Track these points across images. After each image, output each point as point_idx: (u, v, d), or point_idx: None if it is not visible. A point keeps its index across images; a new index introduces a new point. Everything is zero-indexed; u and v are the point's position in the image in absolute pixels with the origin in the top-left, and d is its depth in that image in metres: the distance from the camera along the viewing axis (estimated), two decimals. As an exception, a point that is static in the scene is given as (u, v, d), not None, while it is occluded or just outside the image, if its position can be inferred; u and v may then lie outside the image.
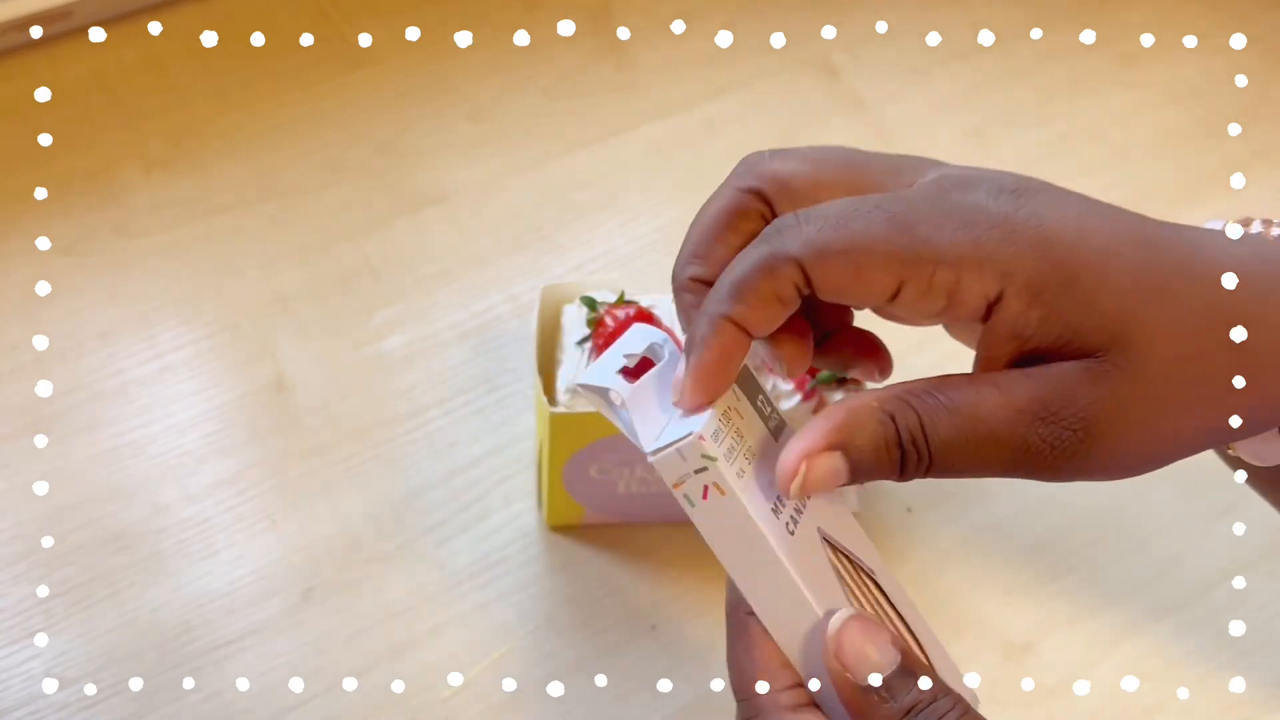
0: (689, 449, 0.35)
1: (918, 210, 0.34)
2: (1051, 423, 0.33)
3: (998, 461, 0.34)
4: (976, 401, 0.34)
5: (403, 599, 0.57)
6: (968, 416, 0.34)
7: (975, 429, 0.34)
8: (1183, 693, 0.55)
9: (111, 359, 0.64)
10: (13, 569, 0.57)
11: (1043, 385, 0.34)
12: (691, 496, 0.35)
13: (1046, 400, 0.33)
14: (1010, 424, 0.33)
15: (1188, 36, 0.83)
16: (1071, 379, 0.33)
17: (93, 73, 0.77)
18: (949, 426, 0.34)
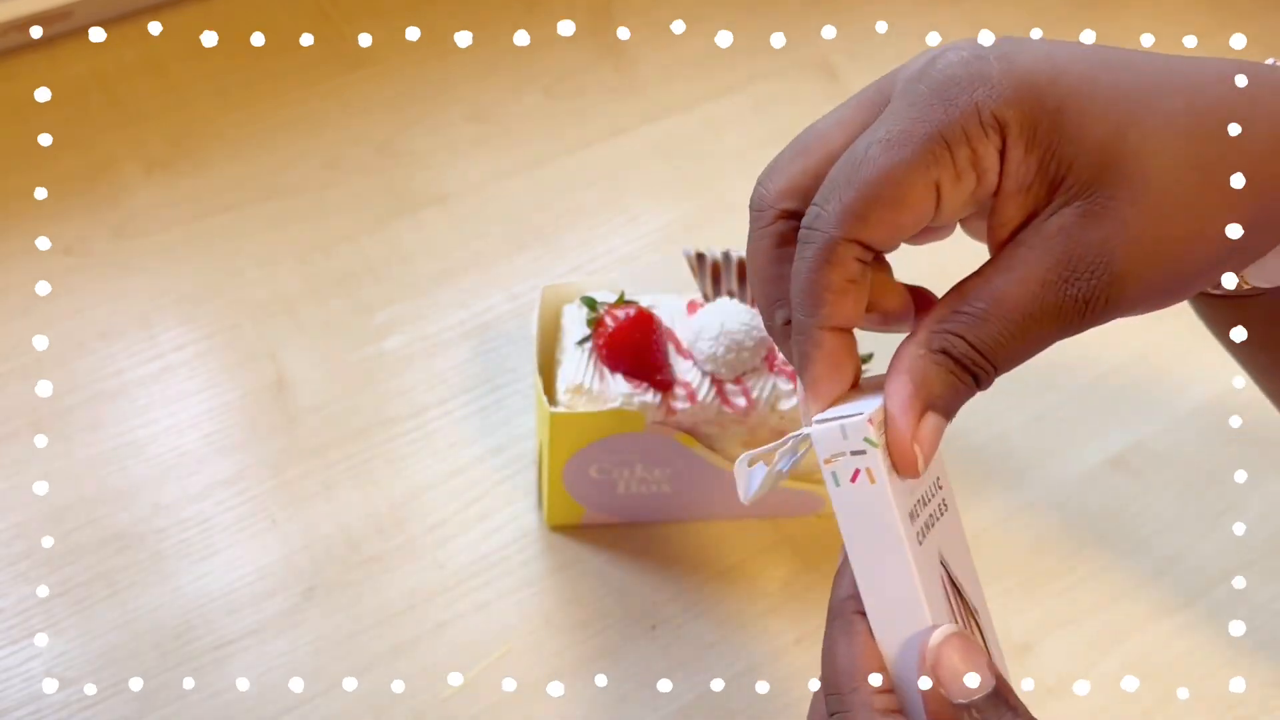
0: (854, 428, 0.35)
1: (905, 118, 0.34)
2: (1074, 280, 0.33)
3: (1046, 336, 0.34)
4: (1000, 297, 0.34)
5: (403, 599, 0.57)
6: (1000, 315, 0.34)
7: (1013, 321, 0.34)
8: (1183, 693, 0.55)
9: (112, 359, 0.64)
10: (13, 568, 0.57)
11: (1050, 249, 0.34)
12: (839, 476, 0.35)
13: (1060, 262, 0.34)
14: (1039, 300, 0.34)
15: (1188, 36, 0.83)
16: (1075, 229, 0.33)
17: (93, 73, 0.77)
18: (990, 332, 0.34)
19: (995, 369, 0.35)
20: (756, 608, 0.57)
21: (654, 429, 0.53)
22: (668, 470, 0.55)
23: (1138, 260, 0.34)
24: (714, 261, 0.54)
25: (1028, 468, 0.62)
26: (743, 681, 0.55)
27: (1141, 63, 0.35)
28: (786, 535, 0.59)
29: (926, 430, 0.35)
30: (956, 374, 0.35)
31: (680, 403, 0.52)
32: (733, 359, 0.52)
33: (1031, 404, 0.65)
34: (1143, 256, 0.34)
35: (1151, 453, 0.63)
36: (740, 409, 0.52)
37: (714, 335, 0.52)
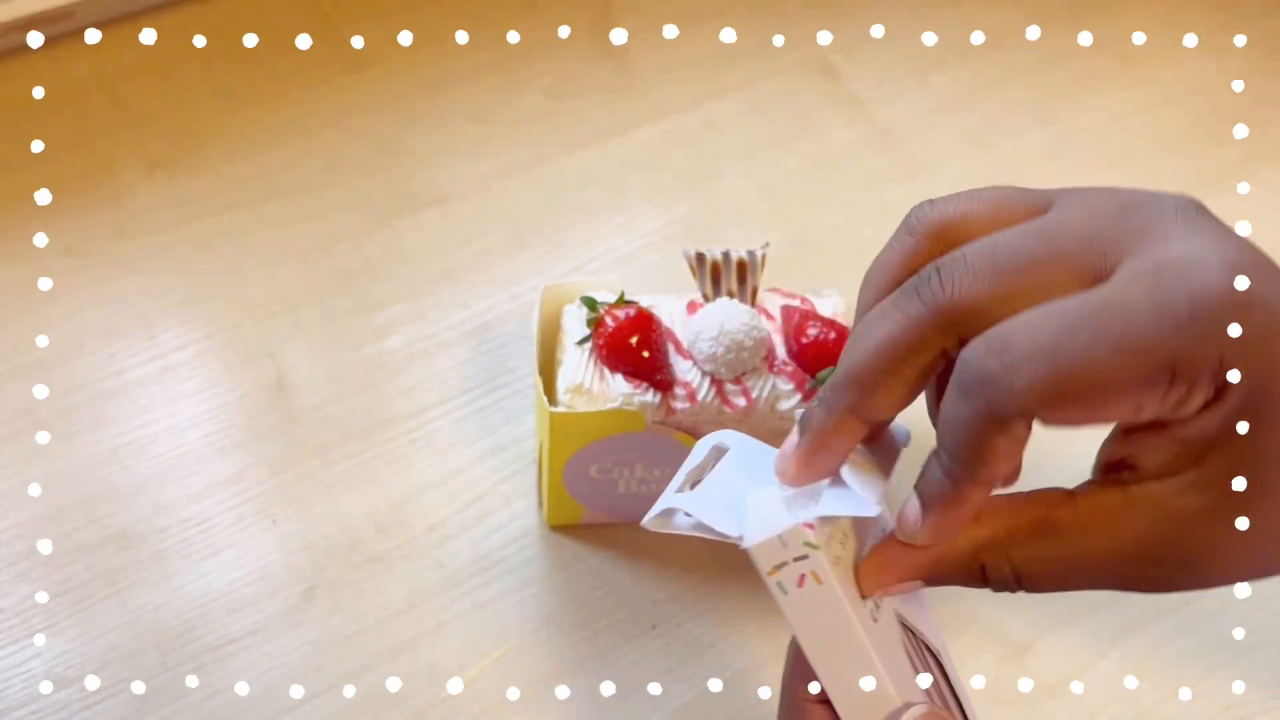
0: (792, 535, 0.34)
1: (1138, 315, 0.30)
2: (1159, 564, 0.32)
3: (1095, 587, 0.33)
4: (1080, 550, 0.32)
5: (403, 598, 0.57)
6: (1068, 565, 0.32)
7: (1075, 574, 0.33)
8: (1183, 692, 0.55)
9: (112, 359, 0.64)
10: (14, 569, 0.57)
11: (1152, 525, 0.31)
12: (785, 584, 0.35)
13: (1158, 543, 0.31)
14: (1114, 569, 0.32)
15: (1188, 36, 0.83)
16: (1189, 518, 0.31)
17: (93, 73, 0.77)
18: (1046, 576, 0.33)
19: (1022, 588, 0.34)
20: (756, 607, 0.57)
21: (654, 429, 0.53)
22: (668, 470, 0.55)
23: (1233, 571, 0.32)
24: (714, 262, 0.54)
25: (1028, 467, 0.62)
26: (742, 681, 0.55)
27: None
28: (786, 535, 0.59)
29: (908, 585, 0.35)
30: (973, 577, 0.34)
31: (680, 403, 0.52)
32: (733, 359, 0.52)
33: (1031, 404, 0.65)
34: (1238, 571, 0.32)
35: (1151, 452, 0.63)
36: (740, 409, 0.52)
37: (714, 335, 0.52)
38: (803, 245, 0.71)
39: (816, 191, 0.73)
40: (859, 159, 0.75)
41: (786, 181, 0.74)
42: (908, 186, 0.74)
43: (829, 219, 0.72)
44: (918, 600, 0.40)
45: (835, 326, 0.53)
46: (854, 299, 0.38)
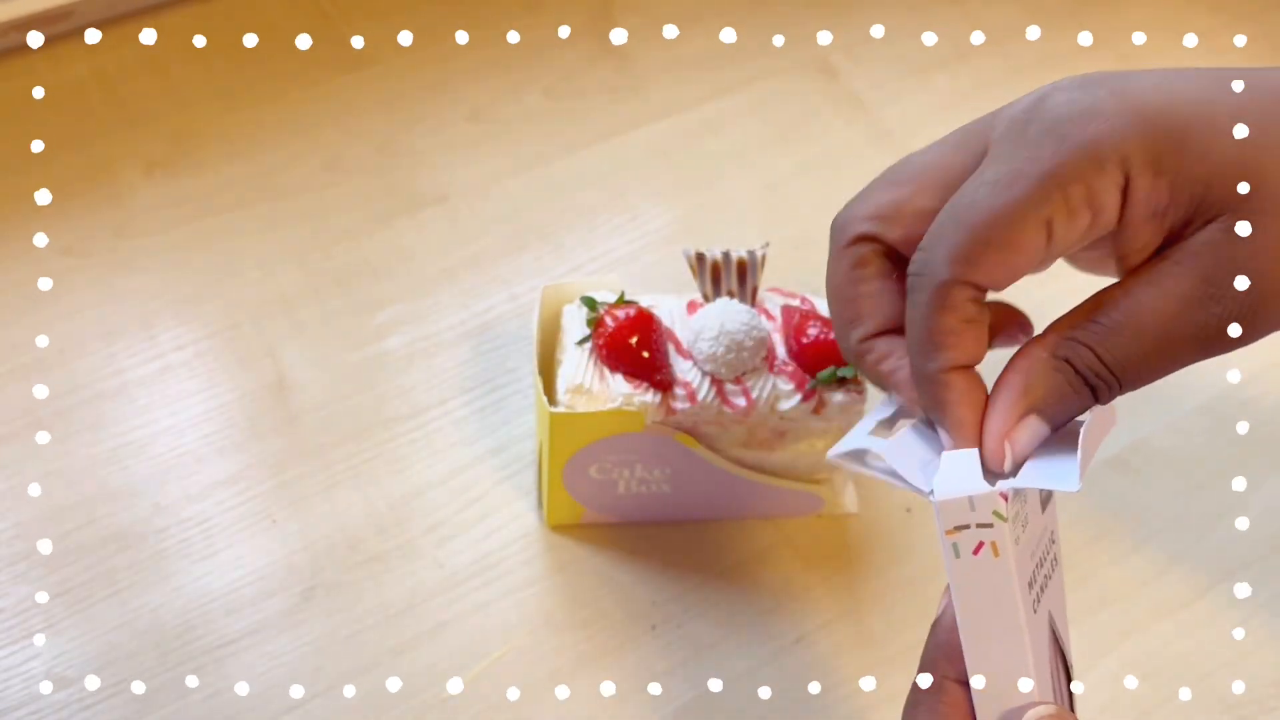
0: (983, 501, 0.34)
1: (1014, 159, 0.34)
2: (1220, 299, 0.33)
3: (1182, 356, 0.34)
4: (1138, 311, 0.33)
5: (403, 599, 0.57)
6: (1135, 330, 0.33)
7: (1146, 338, 0.33)
8: (1184, 693, 0.55)
9: (112, 359, 0.64)
10: (13, 569, 0.57)
11: (1196, 265, 0.33)
12: (961, 548, 0.34)
13: (1205, 279, 0.33)
14: (1179, 319, 0.33)
15: (1188, 36, 0.83)
16: (1220, 244, 0.32)
17: (93, 73, 0.77)
18: (1121, 346, 0.33)
19: (1120, 385, 0.34)
20: (757, 607, 0.57)
21: (654, 429, 0.53)
22: (668, 470, 0.56)
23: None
24: (714, 262, 0.54)
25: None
26: (743, 682, 0.55)
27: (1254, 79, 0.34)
28: (787, 535, 0.59)
29: (1023, 432, 0.35)
30: (1073, 384, 0.34)
31: (680, 403, 0.52)
32: (733, 359, 0.52)
33: (1031, 404, 0.65)
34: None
35: (1151, 453, 0.63)
36: (740, 409, 0.52)
37: (714, 335, 0.52)
38: (803, 245, 0.71)
39: (816, 191, 0.73)
40: (859, 159, 0.75)
41: (786, 181, 0.74)
42: (908, 186, 0.74)
43: (829, 219, 0.72)
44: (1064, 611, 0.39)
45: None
46: None
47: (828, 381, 0.52)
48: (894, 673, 0.55)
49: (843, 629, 0.56)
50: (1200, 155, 0.33)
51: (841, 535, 0.59)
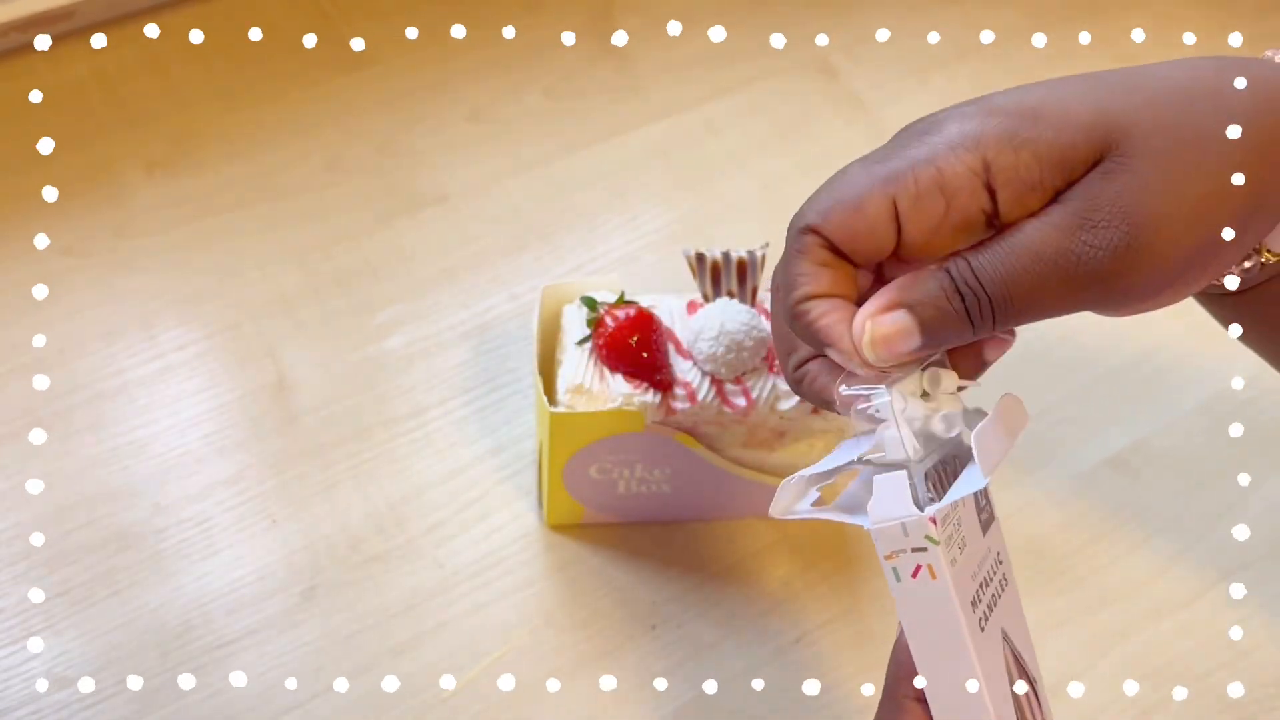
0: (914, 526, 0.35)
1: (886, 147, 0.37)
2: (1093, 228, 0.34)
3: (1056, 285, 0.35)
4: (1019, 235, 0.35)
5: (403, 598, 0.57)
6: (1013, 248, 0.35)
7: (1022, 256, 0.35)
8: (1181, 693, 0.55)
9: (112, 359, 0.64)
10: (13, 569, 0.57)
11: (1072, 203, 0.35)
12: (900, 571, 0.35)
13: (1081, 210, 0.34)
14: (1055, 242, 0.35)
15: (1186, 34, 0.83)
16: (1095, 184, 0.35)
17: (94, 73, 0.77)
18: (995, 264, 0.35)
19: (990, 303, 0.36)
20: (756, 607, 0.57)
21: (654, 429, 0.53)
22: (668, 470, 0.56)
23: (1157, 213, 0.34)
24: (713, 262, 0.54)
25: (1027, 467, 0.62)
26: (742, 681, 0.55)
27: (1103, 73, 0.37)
28: (786, 535, 0.59)
29: (887, 319, 0.36)
30: (946, 290, 0.36)
31: (680, 403, 0.53)
32: (732, 359, 0.52)
33: (1031, 403, 0.64)
34: (1162, 210, 0.34)
35: (1151, 453, 0.63)
36: (740, 409, 0.53)
37: (714, 335, 0.52)
38: (802, 245, 0.71)
39: (816, 192, 0.74)
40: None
41: (786, 181, 0.74)
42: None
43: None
44: (1021, 625, 0.40)
45: (835, 327, 0.53)
46: None
47: (827, 382, 0.52)
48: (893, 672, 0.55)
49: (842, 628, 0.57)
50: (1057, 124, 0.35)
51: (841, 535, 0.60)
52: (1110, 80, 0.36)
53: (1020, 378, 0.66)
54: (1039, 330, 0.67)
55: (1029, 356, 0.67)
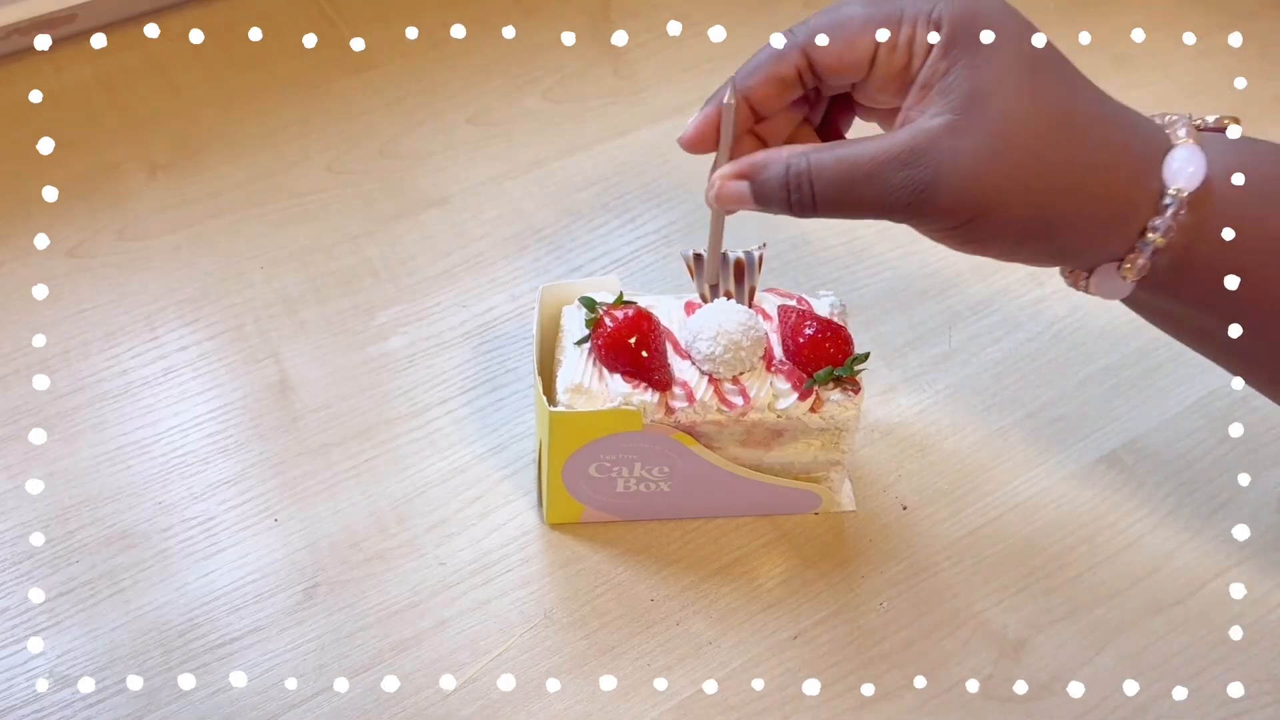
0: None
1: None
2: (912, 166, 0.42)
3: (867, 201, 0.43)
4: (859, 152, 0.43)
5: (404, 596, 0.57)
6: (850, 164, 0.43)
7: (851, 172, 0.43)
8: (1177, 689, 0.55)
9: (116, 360, 0.65)
10: (17, 568, 0.57)
11: (913, 136, 0.42)
12: None
13: (913, 148, 0.42)
14: (881, 168, 0.42)
15: (1186, 34, 0.83)
16: (937, 131, 0.42)
17: (96, 76, 0.77)
18: (832, 172, 0.43)
19: (814, 201, 0.44)
20: (754, 605, 0.57)
21: (652, 428, 0.53)
22: (666, 469, 0.56)
23: (963, 178, 0.41)
24: (712, 262, 0.55)
25: (1022, 465, 0.63)
26: (741, 678, 0.55)
27: (1060, 57, 0.43)
28: (784, 533, 0.60)
29: (731, 184, 0.46)
30: (780, 184, 0.44)
31: (678, 402, 0.53)
32: (730, 359, 0.52)
33: (1026, 401, 0.65)
34: (967, 179, 0.41)
35: (1145, 450, 0.63)
36: (738, 408, 0.53)
37: (712, 335, 0.52)
38: (800, 246, 0.71)
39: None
40: (857, 160, 0.75)
41: (785, 182, 0.74)
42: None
43: (826, 220, 0.72)
44: None
45: (832, 327, 0.53)
46: (851, 300, 0.46)
47: (824, 381, 0.53)
48: (891, 668, 0.56)
49: (840, 625, 0.57)
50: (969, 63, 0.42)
51: (838, 532, 0.60)
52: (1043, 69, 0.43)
53: (1016, 375, 0.66)
54: (1037, 330, 0.67)
55: (1025, 355, 0.67)
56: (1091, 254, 0.44)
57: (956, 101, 0.42)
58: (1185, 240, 0.43)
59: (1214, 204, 0.43)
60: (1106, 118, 0.43)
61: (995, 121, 0.41)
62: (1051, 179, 0.42)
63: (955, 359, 0.67)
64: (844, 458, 0.57)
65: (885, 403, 0.65)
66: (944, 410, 0.65)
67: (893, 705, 0.55)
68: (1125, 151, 0.43)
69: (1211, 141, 0.44)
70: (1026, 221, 0.43)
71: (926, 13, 0.43)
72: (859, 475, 0.62)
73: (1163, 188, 0.43)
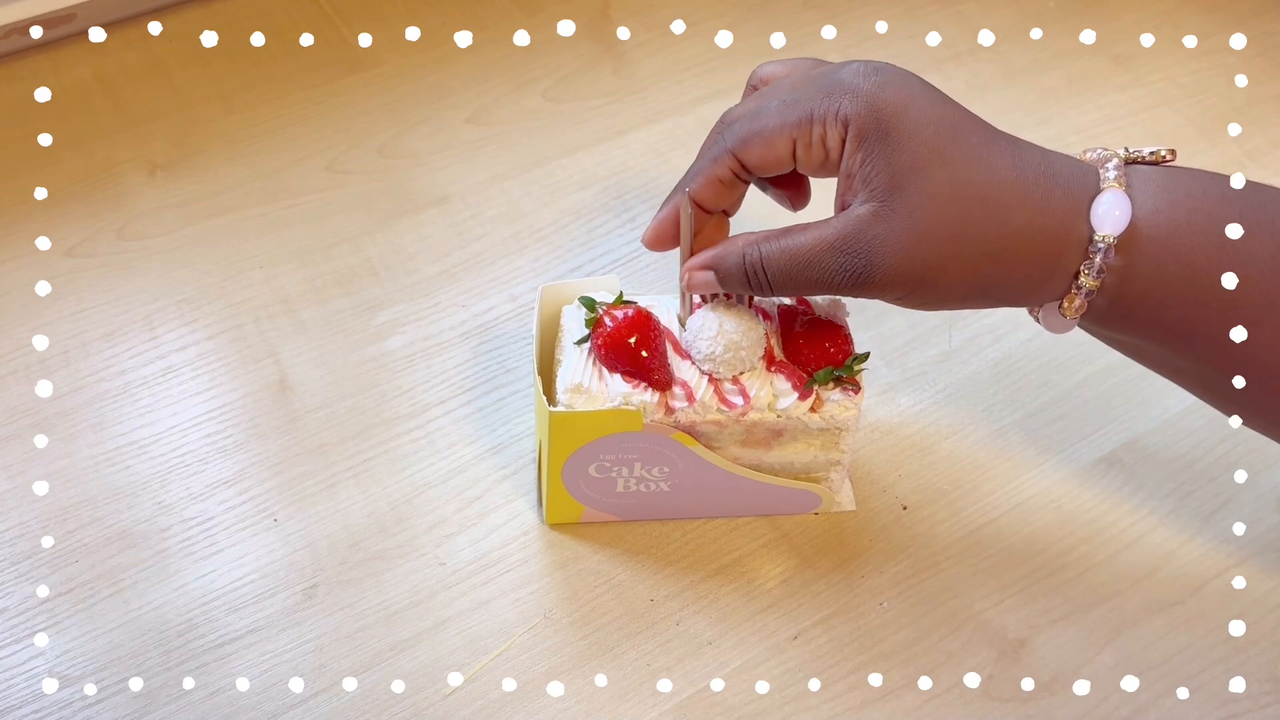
0: None
1: (800, 93, 0.48)
2: (847, 253, 0.46)
3: (814, 284, 0.47)
4: (801, 243, 0.47)
5: (404, 596, 0.57)
6: (793, 254, 0.48)
7: (796, 262, 0.47)
8: (1179, 689, 0.55)
9: (115, 359, 0.65)
10: (16, 568, 0.57)
11: (844, 225, 0.46)
12: None
13: (845, 236, 0.46)
14: (820, 256, 0.47)
15: (1187, 37, 0.83)
16: (864, 219, 0.46)
17: (95, 75, 0.77)
18: (780, 262, 0.48)
19: (769, 281, 0.49)
20: (754, 605, 0.57)
21: (652, 428, 0.53)
22: (666, 469, 0.56)
23: (892, 260, 0.45)
24: (711, 262, 0.55)
25: (1022, 465, 0.63)
26: (741, 678, 0.55)
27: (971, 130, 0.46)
28: (784, 533, 0.60)
29: (700, 276, 0.51)
30: (740, 269, 0.49)
31: (678, 402, 0.53)
32: (730, 358, 0.52)
33: (1025, 402, 0.65)
34: (897, 261, 0.45)
35: (1145, 450, 0.63)
36: (738, 408, 0.53)
37: (712, 335, 0.52)
38: (801, 245, 0.71)
39: (813, 192, 0.74)
40: (857, 159, 0.75)
41: (784, 182, 0.74)
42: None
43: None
44: None
45: (832, 327, 0.53)
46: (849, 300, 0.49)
47: (824, 381, 0.53)
48: (891, 668, 0.56)
49: (840, 625, 0.57)
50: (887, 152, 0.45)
51: (838, 532, 0.60)
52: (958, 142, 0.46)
53: (1015, 376, 0.66)
54: (1037, 329, 0.67)
55: (1025, 355, 0.67)
56: (1033, 299, 0.47)
57: (878, 190, 0.45)
58: (1117, 279, 0.46)
59: (1140, 244, 0.45)
60: (1024, 179, 0.45)
61: (914, 204, 0.45)
62: (976, 248, 0.45)
63: (955, 359, 0.67)
64: (844, 458, 0.57)
65: (885, 403, 0.65)
66: (944, 410, 0.64)
67: (893, 705, 0.55)
68: (1047, 207, 0.45)
69: (1139, 177, 0.46)
70: (962, 287, 0.46)
71: (835, 111, 0.46)
72: (859, 475, 0.62)
73: (1091, 233, 0.45)
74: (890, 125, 0.45)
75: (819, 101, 0.47)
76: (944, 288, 0.46)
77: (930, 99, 0.46)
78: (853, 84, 0.46)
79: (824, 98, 0.46)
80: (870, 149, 0.46)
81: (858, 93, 0.46)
